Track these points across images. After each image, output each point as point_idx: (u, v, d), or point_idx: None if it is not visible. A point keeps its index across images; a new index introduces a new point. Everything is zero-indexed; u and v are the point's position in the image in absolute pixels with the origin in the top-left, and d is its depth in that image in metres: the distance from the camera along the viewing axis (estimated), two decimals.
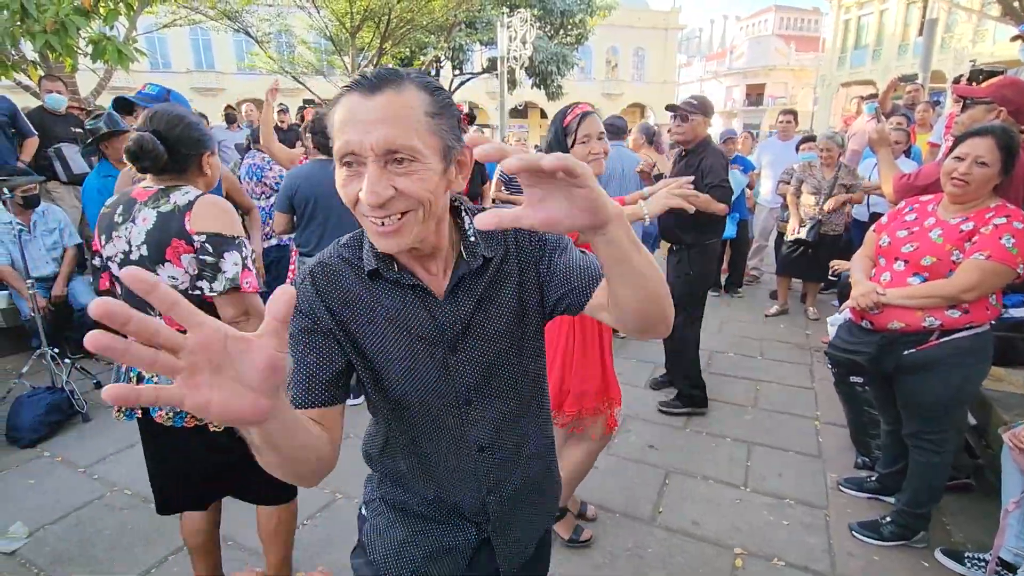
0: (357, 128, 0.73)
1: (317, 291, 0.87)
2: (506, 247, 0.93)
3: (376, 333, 0.88)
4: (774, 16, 43.83)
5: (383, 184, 0.73)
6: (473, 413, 0.93)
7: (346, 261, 0.89)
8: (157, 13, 10.13)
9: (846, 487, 2.51)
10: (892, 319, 1.97)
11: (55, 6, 4.50)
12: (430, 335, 0.89)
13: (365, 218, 0.77)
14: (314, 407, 0.85)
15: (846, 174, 4.40)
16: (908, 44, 20.97)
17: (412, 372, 0.89)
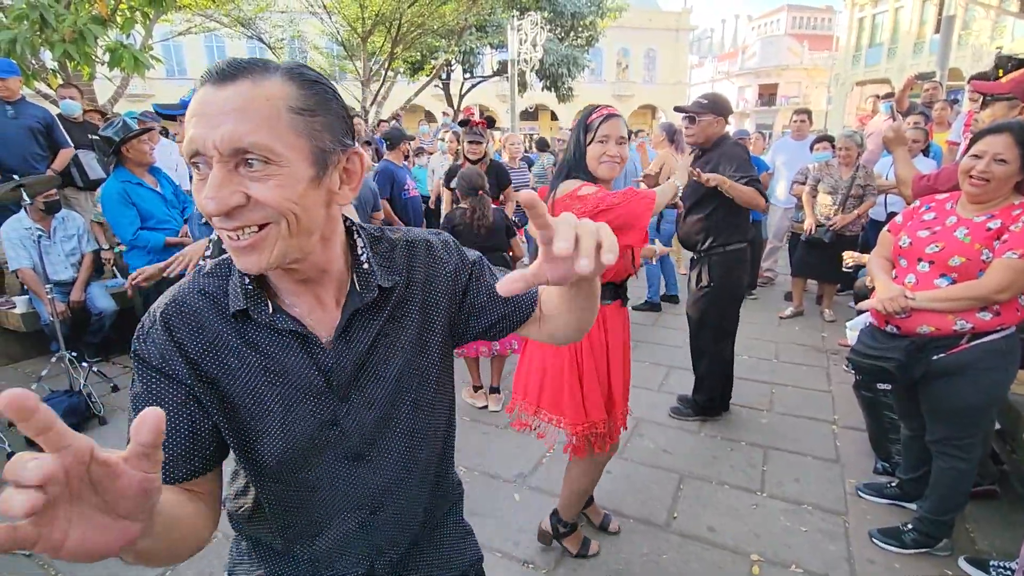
0: (203, 122, 0.61)
1: (171, 338, 0.71)
2: (409, 272, 0.82)
3: (246, 384, 0.73)
4: (786, 15, 43.46)
5: (228, 190, 0.62)
6: (364, 469, 0.81)
7: (207, 296, 0.74)
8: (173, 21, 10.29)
9: (865, 493, 2.46)
10: (921, 323, 1.90)
11: (73, 16, 4.58)
12: (314, 386, 0.75)
13: (220, 231, 0.65)
14: (180, 482, 0.72)
15: (864, 175, 4.34)
16: (924, 42, 20.66)
17: (291, 429, 0.75)
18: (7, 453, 2.88)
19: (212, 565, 2.15)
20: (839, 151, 4.40)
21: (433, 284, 0.84)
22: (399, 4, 11.11)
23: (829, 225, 4.35)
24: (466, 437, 3.02)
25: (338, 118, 0.69)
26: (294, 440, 0.75)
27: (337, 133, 0.69)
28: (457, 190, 3.27)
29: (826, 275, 4.78)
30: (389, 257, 0.81)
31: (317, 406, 0.76)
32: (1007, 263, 1.75)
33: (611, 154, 1.78)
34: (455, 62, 16.64)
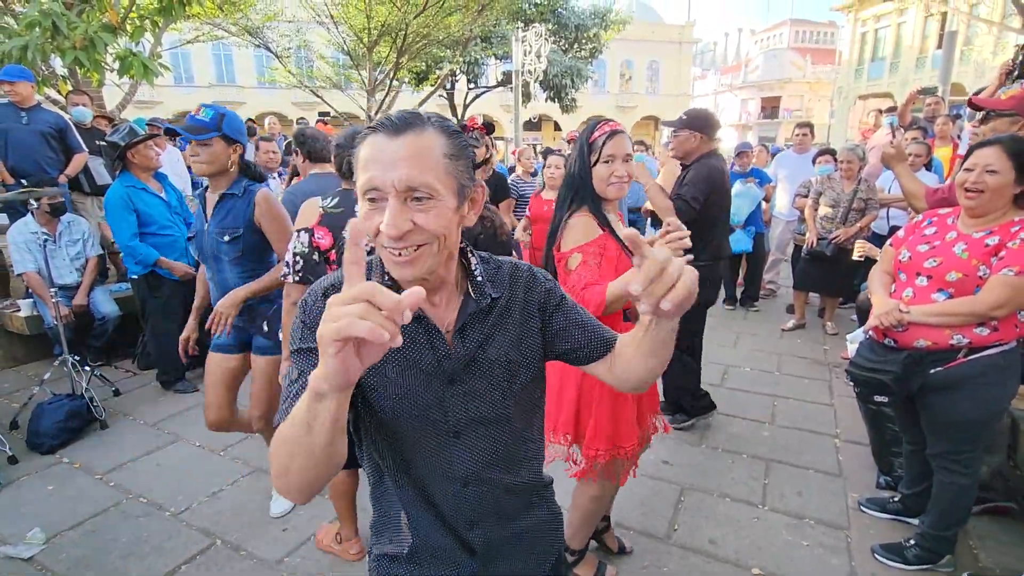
0: (381, 166, 0.78)
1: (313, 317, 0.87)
2: (511, 289, 0.98)
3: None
4: (789, 29, 43.75)
5: (403, 218, 0.78)
6: (460, 446, 0.94)
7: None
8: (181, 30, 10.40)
9: (868, 507, 2.45)
10: (918, 337, 1.91)
11: (84, 24, 4.63)
12: (429, 367, 0.90)
13: (384, 249, 0.82)
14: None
15: (866, 189, 4.35)
16: (926, 57, 20.77)
17: (405, 398, 0.90)
18: (7, 456, 2.88)
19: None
20: (841, 164, 4.41)
21: (530, 300, 1.00)
22: (405, 15, 11.22)
23: (831, 238, 4.36)
24: None
25: (470, 160, 0.88)
26: (406, 406, 0.89)
27: (470, 172, 0.87)
28: None
29: (828, 288, 4.78)
30: (496, 275, 0.98)
31: (428, 384, 0.90)
32: (1004, 280, 1.75)
33: (619, 175, 1.70)
34: (460, 72, 16.78)
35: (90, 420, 3.25)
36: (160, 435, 3.18)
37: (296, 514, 2.48)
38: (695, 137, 2.86)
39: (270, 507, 2.49)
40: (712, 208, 2.84)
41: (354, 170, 0.83)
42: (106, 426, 3.26)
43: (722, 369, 4.05)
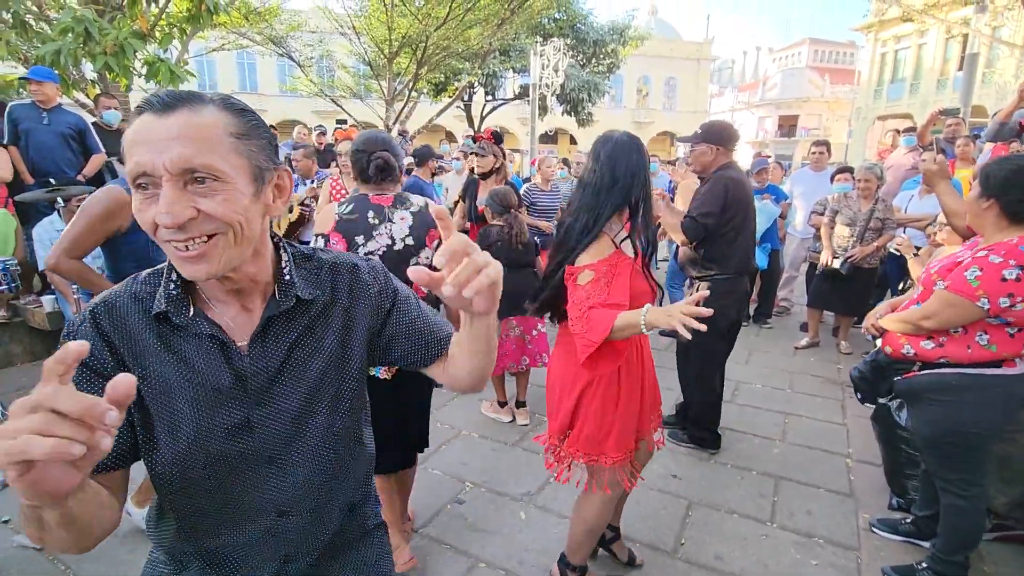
0: (149, 148, 0.68)
1: (100, 334, 0.76)
2: (333, 291, 0.89)
3: (161, 386, 0.78)
4: (808, 48, 43.71)
5: (181, 205, 0.68)
6: (274, 472, 0.84)
7: (137, 300, 0.79)
8: (207, 38, 10.67)
9: (879, 529, 2.40)
10: (886, 343, 2.02)
11: (116, 30, 4.78)
12: (228, 390, 0.80)
13: (167, 244, 0.71)
14: (100, 472, 0.75)
15: (883, 208, 4.32)
16: (947, 79, 20.61)
17: (203, 432, 0.79)
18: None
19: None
20: (858, 183, 4.39)
21: (356, 303, 0.91)
22: (426, 27, 11.40)
23: (847, 257, 4.33)
24: (474, 453, 3.02)
25: (267, 141, 0.78)
26: (202, 441, 0.78)
27: (269, 153, 0.78)
28: (488, 208, 3.31)
29: (843, 307, 4.73)
30: (315, 274, 0.88)
31: (230, 410, 0.80)
32: (936, 293, 1.81)
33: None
34: (478, 84, 16.97)
35: None
36: None
37: None
38: (711, 150, 2.82)
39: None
40: (732, 220, 2.77)
41: (124, 159, 0.72)
42: None
43: (733, 385, 4.02)
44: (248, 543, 0.86)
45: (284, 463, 0.85)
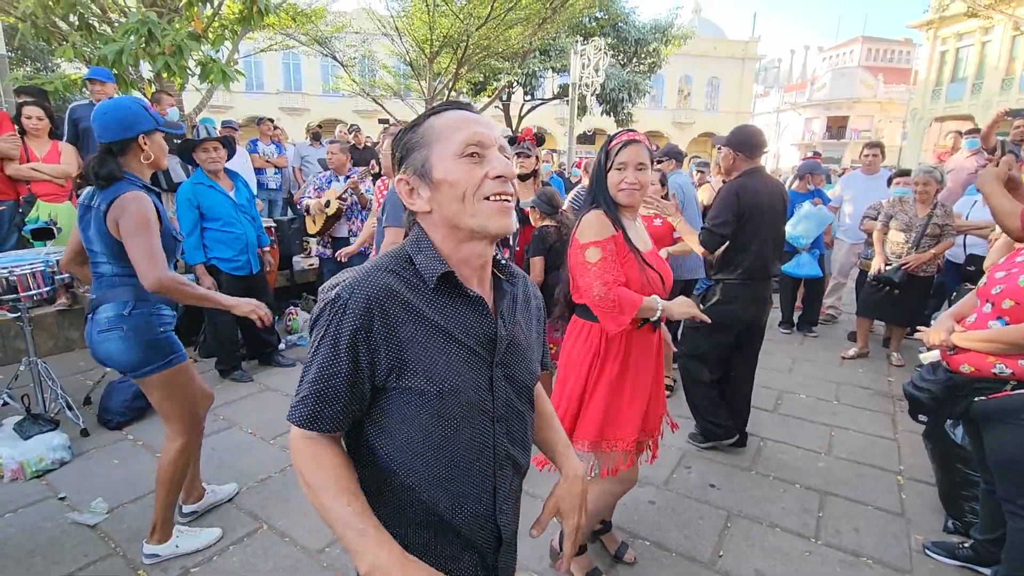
0: (482, 126, 0.89)
1: (366, 310, 0.85)
2: (522, 284, 1.07)
3: (428, 345, 0.88)
4: (861, 47, 41.98)
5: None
6: (499, 430, 0.96)
7: (396, 275, 0.89)
8: (256, 39, 11.01)
9: (934, 552, 2.27)
10: (963, 361, 1.89)
11: (174, 32, 4.98)
12: (483, 349, 0.93)
13: (486, 202, 0.87)
14: (337, 431, 0.90)
15: (942, 214, 4.09)
16: (1013, 78, 19.47)
17: (455, 390, 0.89)
18: (80, 429, 3.08)
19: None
20: (916, 187, 4.17)
21: (530, 303, 1.09)
22: (467, 27, 11.47)
23: (901, 264, 4.12)
24: None
25: None
26: (459, 395, 0.90)
27: None
28: (537, 208, 3.32)
29: (895, 317, 4.51)
30: (506, 266, 1.02)
31: (481, 368, 0.93)
32: None
33: (629, 182, 1.77)
34: (517, 84, 16.97)
35: (148, 405, 3.43)
36: (215, 421, 3.33)
37: None
38: (731, 155, 2.86)
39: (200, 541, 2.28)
40: (746, 225, 2.76)
41: (419, 146, 0.89)
42: None
43: (775, 395, 3.89)
44: (473, 489, 0.95)
45: (507, 422, 0.98)
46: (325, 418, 0.87)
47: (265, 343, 4.23)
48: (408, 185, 0.91)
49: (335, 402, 0.86)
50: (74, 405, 3.18)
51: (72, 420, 3.10)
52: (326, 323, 0.86)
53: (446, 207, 0.88)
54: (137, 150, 2.01)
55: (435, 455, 0.91)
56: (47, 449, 2.78)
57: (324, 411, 0.86)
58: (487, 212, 0.88)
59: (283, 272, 5.24)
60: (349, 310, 0.84)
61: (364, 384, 0.87)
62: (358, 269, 0.90)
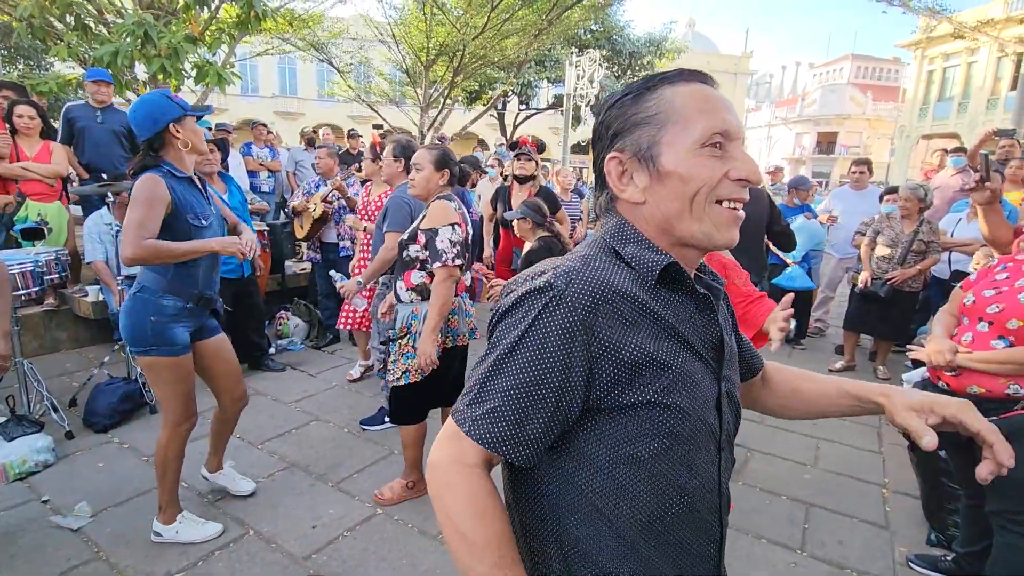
0: (728, 112, 0.72)
1: (588, 313, 0.66)
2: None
3: (661, 349, 0.69)
4: (850, 64, 42.72)
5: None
6: (725, 461, 0.78)
7: (613, 265, 0.72)
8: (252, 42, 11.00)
9: (917, 564, 2.30)
10: (971, 383, 1.85)
11: (170, 35, 4.98)
12: (712, 358, 0.75)
13: (716, 205, 0.71)
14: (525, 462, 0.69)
15: (928, 230, 4.17)
16: (999, 98, 19.86)
17: (697, 402, 0.71)
18: (65, 431, 3.05)
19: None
20: (901, 204, 4.25)
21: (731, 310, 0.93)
22: (463, 36, 11.54)
23: (887, 279, 4.19)
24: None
25: None
26: (692, 405, 0.70)
27: None
28: (528, 218, 3.35)
29: (881, 331, 4.57)
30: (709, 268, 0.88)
31: (712, 380, 0.75)
32: None
33: None
34: (512, 93, 17.09)
35: (141, 404, 3.41)
36: (203, 424, 3.28)
37: (326, 513, 2.52)
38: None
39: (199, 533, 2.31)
40: None
41: (648, 123, 0.71)
42: (155, 411, 3.41)
43: None
44: (699, 540, 0.76)
45: (727, 451, 0.79)
46: (516, 442, 0.66)
47: (255, 347, 4.21)
48: (621, 166, 0.74)
49: (535, 421, 0.66)
50: (59, 407, 3.14)
51: (57, 422, 3.06)
52: (530, 317, 0.66)
53: (666, 204, 0.71)
54: (172, 139, 2.07)
55: (657, 497, 0.70)
56: (31, 451, 2.74)
57: (518, 433, 0.66)
58: (717, 219, 0.71)
59: (274, 276, 5.22)
60: (567, 302, 0.65)
61: (574, 402, 0.67)
62: (562, 259, 0.74)
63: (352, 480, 2.79)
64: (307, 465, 2.92)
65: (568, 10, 11.91)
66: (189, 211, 2.07)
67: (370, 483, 2.74)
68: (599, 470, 0.69)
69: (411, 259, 2.44)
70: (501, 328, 0.70)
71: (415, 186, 2.48)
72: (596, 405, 0.68)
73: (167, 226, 2.02)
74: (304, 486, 2.73)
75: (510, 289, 0.73)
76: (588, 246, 0.77)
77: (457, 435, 0.68)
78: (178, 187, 2.06)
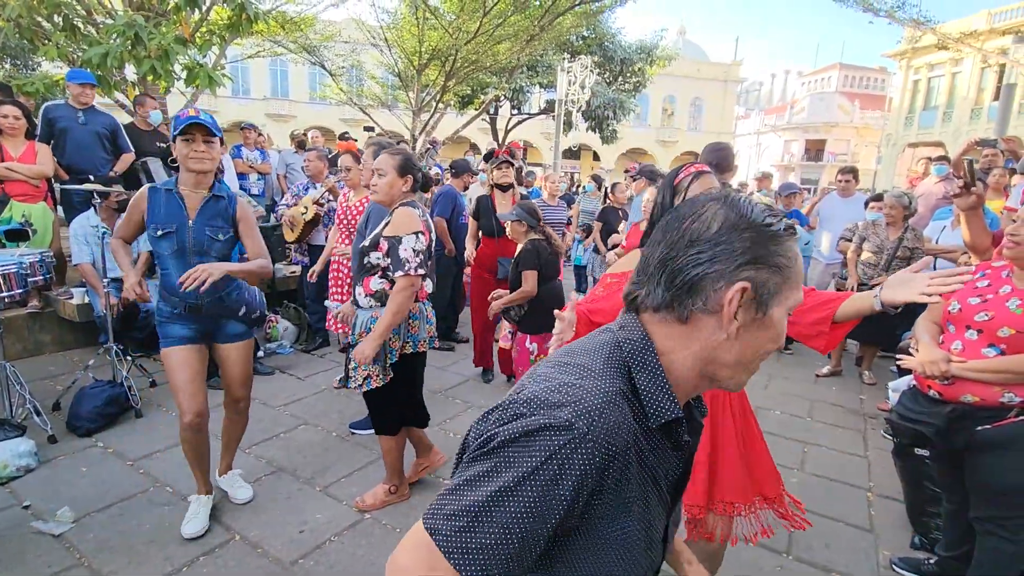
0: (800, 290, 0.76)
1: (600, 465, 0.64)
2: None
3: (643, 492, 0.71)
4: (838, 73, 43.29)
5: None
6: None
7: (629, 407, 0.69)
8: (243, 45, 10.96)
9: (901, 567, 2.33)
10: (965, 392, 1.85)
11: (160, 36, 4.95)
12: (670, 496, 0.78)
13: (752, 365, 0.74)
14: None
15: (912, 237, 4.24)
16: (982, 108, 20.24)
17: (647, 545, 0.73)
18: (48, 435, 3.01)
19: None
20: (885, 211, 4.31)
21: None
22: (456, 41, 11.57)
23: (872, 285, 4.25)
24: None
25: None
26: (644, 546, 0.72)
27: None
28: (522, 220, 3.36)
29: (867, 336, 4.63)
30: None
31: (661, 518, 0.76)
32: None
33: None
34: (504, 98, 17.13)
35: (126, 408, 3.37)
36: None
37: (313, 517, 2.50)
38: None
39: (182, 528, 2.36)
40: None
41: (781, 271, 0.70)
42: (141, 415, 3.37)
43: None
44: None
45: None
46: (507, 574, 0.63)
47: None
48: (743, 296, 0.68)
49: (526, 560, 0.64)
50: (42, 410, 3.10)
51: (40, 426, 3.02)
52: (545, 454, 0.62)
53: (730, 350, 0.70)
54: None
55: None
56: (12, 456, 2.70)
57: (509, 571, 0.63)
58: (746, 377, 0.74)
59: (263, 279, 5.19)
60: (586, 448, 0.62)
61: (558, 528, 0.66)
62: (578, 373, 0.69)
63: (340, 484, 2.78)
64: (295, 469, 2.90)
65: (560, 16, 11.98)
66: (152, 221, 2.26)
67: (358, 487, 2.73)
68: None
69: (372, 266, 2.40)
70: (508, 451, 0.64)
71: (377, 192, 2.42)
72: (575, 527, 0.68)
73: (143, 229, 2.31)
74: (292, 490, 2.71)
75: (521, 412, 0.65)
76: (602, 357, 0.72)
77: (432, 555, 0.63)
78: (158, 198, 2.27)
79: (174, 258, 2.25)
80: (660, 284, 0.71)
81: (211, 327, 2.38)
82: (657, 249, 0.73)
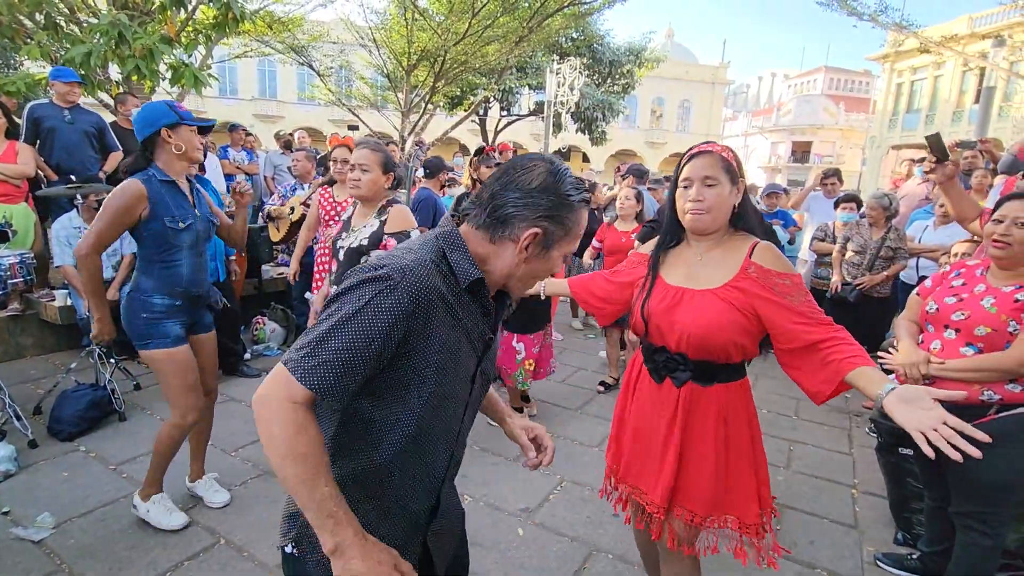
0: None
1: (410, 301, 0.89)
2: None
3: (450, 339, 0.95)
4: (824, 76, 43.84)
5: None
6: (468, 415, 1.09)
7: (439, 271, 0.94)
8: (231, 44, 10.87)
9: (884, 563, 2.35)
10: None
11: (145, 35, 4.90)
12: (479, 349, 1.04)
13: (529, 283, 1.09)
14: (343, 404, 0.96)
15: (895, 237, 4.29)
16: (963, 111, 20.58)
17: (456, 375, 0.99)
18: (28, 440, 2.96)
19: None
20: (868, 213, 4.37)
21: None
22: (445, 42, 11.56)
23: (856, 284, 4.30)
24: (471, 465, 2.99)
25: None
26: (455, 384, 0.99)
27: None
28: None
29: (853, 336, 4.68)
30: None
31: (469, 364, 1.02)
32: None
33: (691, 198, 1.44)
34: (493, 99, 17.14)
35: (109, 411, 3.32)
36: None
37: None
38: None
39: (165, 520, 2.36)
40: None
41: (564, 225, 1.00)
42: (124, 419, 3.33)
43: None
44: (433, 470, 1.05)
45: (469, 412, 1.09)
46: (341, 390, 0.86)
47: (230, 352, 4.14)
48: (535, 238, 0.96)
49: (357, 375, 0.87)
50: (23, 414, 3.04)
51: (20, 431, 2.97)
52: (367, 296, 0.86)
53: (518, 270, 0.99)
54: (163, 143, 2.17)
55: (414, 430, 0.97)
56: None
57: (345, 383, 0.86)
58: (525, 289, 1.08)
59: (251, 280, 5.14)
60: (398, 293, 0.87)
61: (383, 360, 0.89)
62: (403, 252, 0.94)
63: None
64: None
65: (549, 18, 12.01)
66: (166, 214, 2.17)
67: None
68: (385, 408, 0.95)
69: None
70: (341, 301, 0.88)
71: (361, 187, 2.38)
72: (392, 362, 0.91)
73: (143, 225, 2.14)
74: (277, 493, 2.68)
75: (354, 272, 0.91)
76: (423, 245, 0.97)
77: (288, 379, 0.85)
78: (159, 190, 2.16)
79: (190, 249, 2.26)
80: (485, 211, 0.97)
81: (195, 318, 2.38)
82: (495, 185, 0.98)
